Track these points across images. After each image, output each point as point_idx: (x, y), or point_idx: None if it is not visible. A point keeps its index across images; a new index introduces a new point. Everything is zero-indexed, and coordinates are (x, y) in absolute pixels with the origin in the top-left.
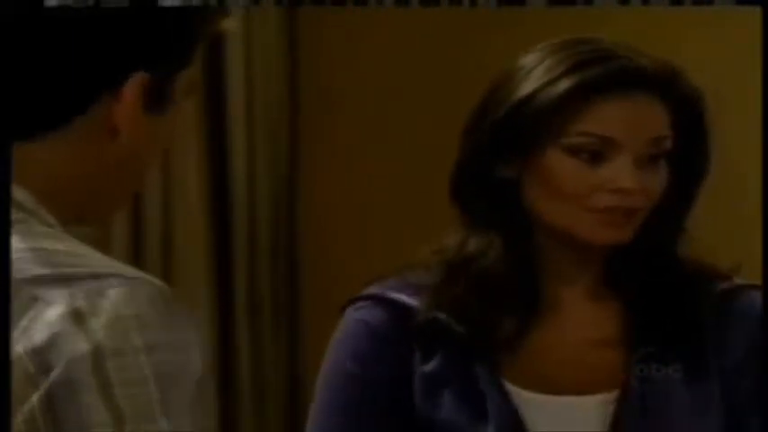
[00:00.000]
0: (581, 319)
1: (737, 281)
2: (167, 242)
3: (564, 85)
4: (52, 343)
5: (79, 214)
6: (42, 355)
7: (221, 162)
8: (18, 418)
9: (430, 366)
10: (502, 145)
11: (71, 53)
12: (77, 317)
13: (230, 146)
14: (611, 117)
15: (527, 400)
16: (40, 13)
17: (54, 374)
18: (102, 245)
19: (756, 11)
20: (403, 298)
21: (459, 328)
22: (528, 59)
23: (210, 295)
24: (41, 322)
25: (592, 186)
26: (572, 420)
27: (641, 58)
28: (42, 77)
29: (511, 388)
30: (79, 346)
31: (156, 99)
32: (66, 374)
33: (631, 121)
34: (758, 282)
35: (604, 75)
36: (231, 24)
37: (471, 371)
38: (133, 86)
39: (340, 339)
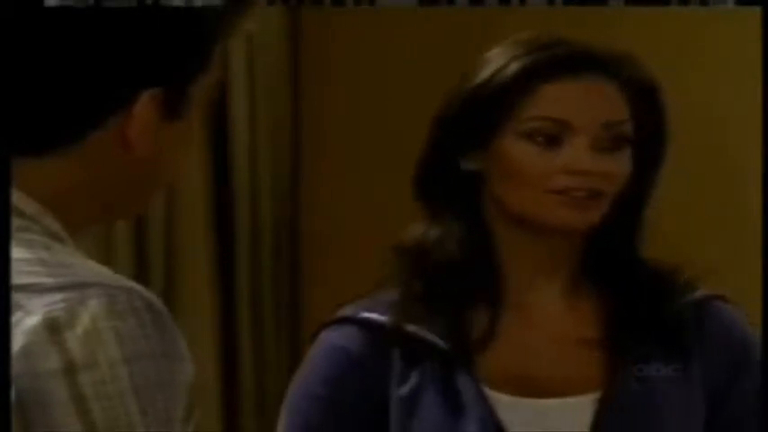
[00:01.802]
0: (558, 319)
1: (705, 291)
2: (170, 247)
3: (512, 68)
4: (25, 353)
5: (90, 221)
6: (14, 365)
7: (223, 163)
8: None
9: (407, 387)
10: (463, 136)
11: (81, 67)
12: (53, 328)
13: (233, 147)
14: (562, 99)
15: (507, 404)
16: (51, 29)
17: (21, 384)
18: (106, 251)
19: (756, 11)
20: (374, 317)
21: (431, 336)
22: (491, 52)
23: (213, 299)
24: (18, 331)
25: (550, 170)
26: (553, 423)
27: (597, 46)
28: (52, 93)
29: (490, 393)
30: (50, 358)
31: (172, 110)
32: (36, 386)
33: (583, 103)
34: (757, 291)
35: (553, 58)
36: (251, 25)
37: (450, 379)
38: (147, 103)
39: (309, 363)
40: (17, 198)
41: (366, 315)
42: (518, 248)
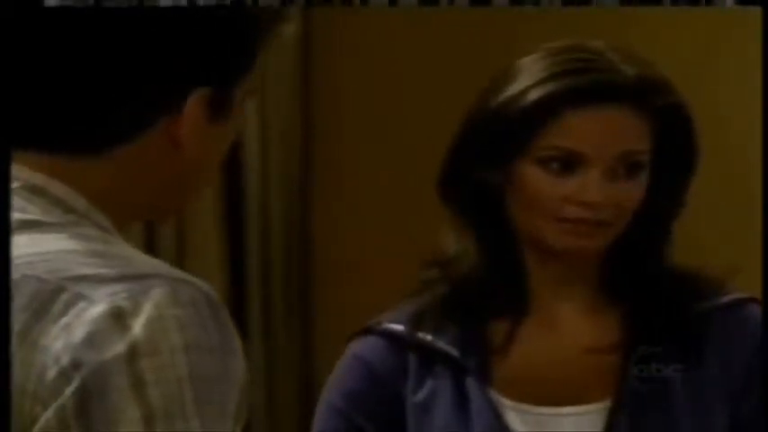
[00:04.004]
0: (578, 330)
1: (738, 294)
2: (180, 249)
3: (534, 95)
4: (90, 340)
5: (135, 218)
6: (78, 352)
7: (234, 164)
8: (49, 413)
9: (421, 394)
10: (482, 155)
11: (132, 69)
12: (118, 316)
13: (244, 148)
14: (580, 130)
15: (517, 411)
16: (103, 24)
17: (86, 371)
18: None
19: (756, 11)
20: (395, 327)
21: (443, 344)
22: (522, 62)
23: (223, 300)
24: (83, 320)
25: (560, 198)
26: (564, 430)
27: (626, 67)
28: (104, 94)
29: (501, 400)
30: (115, 345)
31: (219, 110)
32: (100, 372)
33: (600, 135)
34: (756, 291)
35: (576, 87)
36: (290, 27)
37: (461, 386)
38: (196, 103)
39: (335, 373)
40: (65, 193)
41: (387, 325)
42: (537, 263)
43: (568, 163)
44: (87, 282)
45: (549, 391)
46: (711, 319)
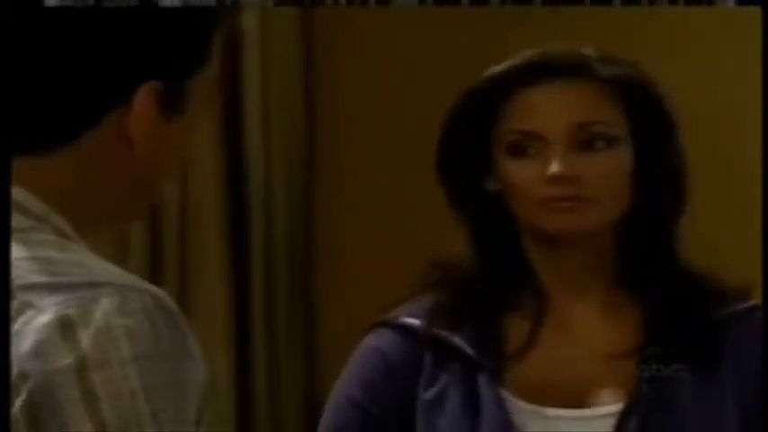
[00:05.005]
0: (594, 330)
1: (753, 300)
2: (183, 253)
3: (486, 79)
4: (36, 350)
5: (96, 223)
6: (24, 362)
7: (238, 168)
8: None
9: (433, 390)
10: (459, 139)
11: (79, 63)
12: (66, 326)
13: (247, 152)
14: (532, 108)
15: (528, 412)
16: (46, 21)
17: (33, 383)
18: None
19: (756, 11)
20: (410, 321)
21: (459, 341)
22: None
23: (227, 304)
24: (30, 329)
25: (531, 180)
26: None
27: (583, 49)
28: (50, 90)
29: (513, 400)
30: (63, 356)
31: (171, 105)
32: (48, 385)
33: (554, 108)
34: (756, 291)
35: (518, 66)
36: (246, 24)
37: (473, 385)
38: (145, 96)
39: (351, 364)
40: (23, 197)
41: (404, 320)
42: (549, 262)
43: (531, 147)
44: (37, 290)
45: (561, 394)
46: (726, 324)
